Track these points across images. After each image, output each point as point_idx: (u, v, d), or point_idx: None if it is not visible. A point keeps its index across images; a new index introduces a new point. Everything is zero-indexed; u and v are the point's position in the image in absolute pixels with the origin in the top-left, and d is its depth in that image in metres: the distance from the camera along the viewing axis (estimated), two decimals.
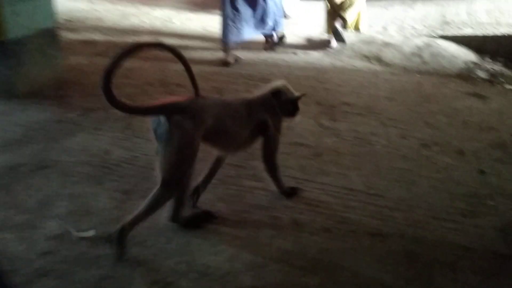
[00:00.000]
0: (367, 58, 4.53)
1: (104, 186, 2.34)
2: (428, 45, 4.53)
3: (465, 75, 4.20)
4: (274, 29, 4.51)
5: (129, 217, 1.76)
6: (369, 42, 4.72)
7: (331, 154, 2.74)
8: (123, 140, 2.81)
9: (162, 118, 1.73)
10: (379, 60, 4.46)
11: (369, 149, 2.82)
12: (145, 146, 2.67)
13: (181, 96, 1.92)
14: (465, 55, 4.44)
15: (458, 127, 3.16)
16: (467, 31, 4.81)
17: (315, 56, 4.63)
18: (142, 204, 1.78)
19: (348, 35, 4.87)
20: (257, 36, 4.54)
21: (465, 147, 2.85)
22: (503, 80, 4.08)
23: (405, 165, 2.64)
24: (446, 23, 5.19)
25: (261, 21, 4.31)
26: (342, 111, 3.34)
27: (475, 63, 4.32)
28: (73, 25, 5.47)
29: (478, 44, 4.60)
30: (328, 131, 3.01)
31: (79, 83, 3.72)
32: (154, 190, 1.78)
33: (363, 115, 3.28)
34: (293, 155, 2.66)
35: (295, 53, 4.68)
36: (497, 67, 4.32)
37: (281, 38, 4.73)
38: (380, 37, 4.87)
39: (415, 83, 3.96)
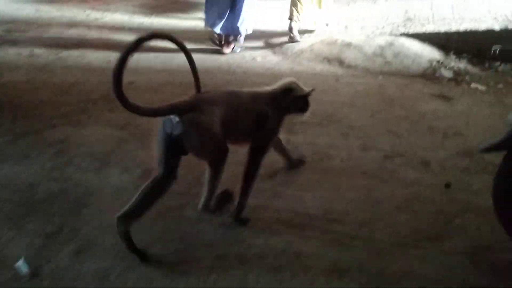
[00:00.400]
0: (327, 60, 4.33)
1: (24, 229, 2.04)
2: (390, 44, 4.35)
3: (429, 74, 4.04)
4: (239, 33, 4.44)
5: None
6: (330, 43, 4.51)
7: (286, 173, 2.50)
8: (52, 170, 2.51)
9: (175, 119, 1.71)
10: (340, 62, 4.26)
11: (328, 165, 2.60)
12: (76, 176, 2.39)
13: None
14: (429, 53, 4.28)
15: (423, 134, 2.97)
16: (431, 28, 4.66)
17: (273, 61, 4.40)
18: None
19: (309, 35, 4.68)
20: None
21: (430, 157, 2.68)
22: (468, 78, 3.94)
23: (367, 182, 2.43)
24: (409, 19, 5.03)
25: (232, 20, 4.33)
26: (300, 121, 3.10)
27: (439, 62, 4.17)
28: (11, 35, 5.07)
29: (442, 41, 4.46)
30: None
31: (11, 103, 3.37)
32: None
33: (322, 125, 3.07)
34: None
35: (254, 58, 4.43)
36: (462, 64, 4.18)
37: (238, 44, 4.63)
38: (341, 37, 4.66)
39: (377, 86, 3.78)
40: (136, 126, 2.95)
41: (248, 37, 4.63)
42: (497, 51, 4.10)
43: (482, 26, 4.41)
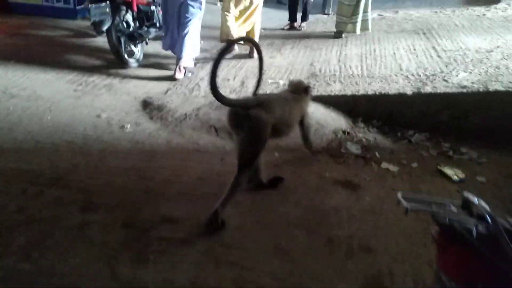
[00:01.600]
0: (215, 129, 3.54)
1: None
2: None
3: (334, 149, 3.41)
4: (180, 56, 4.53)
5: (218, 202, 2.29)
6: (220, 106, 3.73)
7: None
8: None
9: (242, 112, 2.29)
10: (229, 132, 3.49)
11: None
12: None
13: None
14: (335, 120, 3.67)
15: (320, 252, 2.26)
16: (337, 87, 4.08)
17: (148, 130, 3.55)
18: (226, 189, 2.30)
19: (198, 94, 3.92)
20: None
21: None
22: (378, 154, 3.34)
23: None
24: (314, 75, 4.44)
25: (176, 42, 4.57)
26: (159, 239, 2.27)
27: (346, 132, 3.56)
28: None
29: (349, 105, 3.90)
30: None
31: None
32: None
33: (185, 243, 2.24)
34: None
35: (122, 127, 3.54)
36: (371, 135, 3.60)
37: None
38: (234, 96, 3.92)
39: (272, 168, 3.04)
40: None
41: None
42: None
43: (393, 88, 3.89)
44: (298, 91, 2.88)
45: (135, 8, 4.77)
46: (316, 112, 3.74)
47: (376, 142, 3.55)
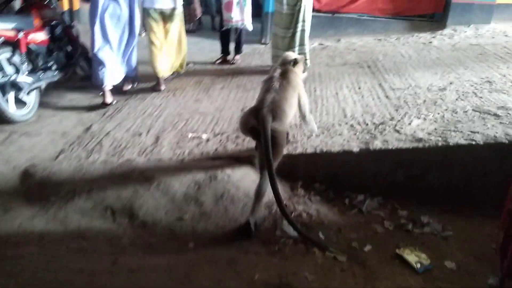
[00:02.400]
0: (112, 211, 2.72)
1: None
2: (212, 178, 2.92)
3: (268, 231, 2.71)
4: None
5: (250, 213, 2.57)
6: (123, 175, 2.94)
7: None
8: None
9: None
10: (131, 216, 2.69)
11: None
12: None
13: None
14: (269, 192, 2.91)
15: None
16: None
17: (19, 218, 2.68)
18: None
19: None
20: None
21: None
22: (322, 235, 2.65)
23: None
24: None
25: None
26: None
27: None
28: None
29: (286, 167, 3.17)
30: None
31: None
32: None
33: None
34: None
35: None
36: (314, 206, 2.93)
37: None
38: (141, 160, 3.13)
39: (182, 275, 2.25)
40: None
41: None
42: None
43: (337, 143, 3.24)
44: (287, 65, 3.05)
45: (23, 49, 3.89)
46: (245, 180, 3.00)
47: (319, 216, 2.87)
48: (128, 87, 4.87)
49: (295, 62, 3.10)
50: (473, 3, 6.81)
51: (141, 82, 4.92)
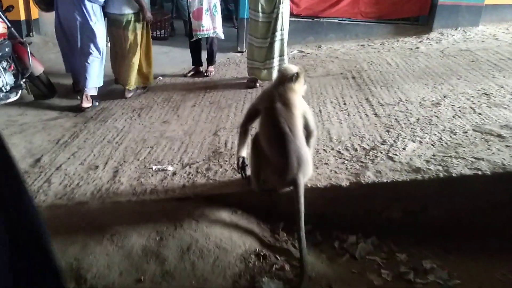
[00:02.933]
0: None
1: None
2: (177, 225, 2.45)
3: None
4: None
5: None
6: (71, 225, 2.48)
7: None
8: None
9: None
10: (77, 277, 2.23)
11: None
12: None
13: None
14: (243, 236, 2.53)
15: None
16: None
17: None
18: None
19: None
20: None
21: None
22: None
23: None
24: (217, 153, 3.30)
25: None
26: None
27: (260, 256, 2.39)
28: None
29: (264, 205, 2.74)
30: None
31: None
32: None
33: None
34: None
35: None
36: (299, 254, 2.47)
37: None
38: (94, 203, 2.65)
39: None
40: None
41: None
42: None
43: (323, 175, 2.82)
44: (286, 81, 2.65)
45: None
46: (216, 226, 2.55)
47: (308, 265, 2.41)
48: (87, 105, 4.47)
49: (296, 77, 2.64)
50: (460, 4, 6.49)
51: (107, 99, 4.45)
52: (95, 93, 4.59)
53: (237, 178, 2.94)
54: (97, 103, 4.61)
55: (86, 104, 4.43)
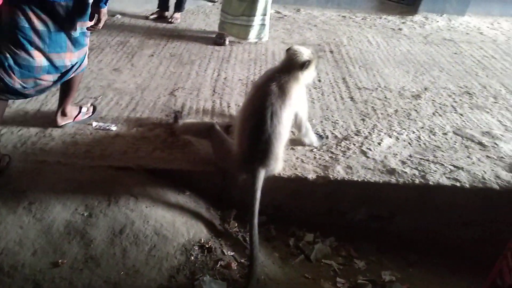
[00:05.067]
0: None
1: None
2: (112, 201, 2.09)
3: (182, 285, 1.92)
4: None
5: None
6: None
7: None
8: None
9: None
10: None
11: None
12: None
13: None
14: (188, 223, 2.21)
15: None
16: (203, 150, 2.59)
17: None
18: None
19: None
20: None
21: None
22: None
23: None
24: (172, 115, 2.88)
25: None
26: None
27: (204, 248, 2.10)
28: None
29: (216, 188, 2.43)
30: None
31: None
32: None
33: None
34: None
35: None
36: (249, 250, 2.19)
37: None
38: (16, 157, 2.23)
39: None
40: None
41: None
42: None
43: (288, 163, 2.51)
44: (294, 68, 2.35)
45: None
46: (158, 208, 2.20)
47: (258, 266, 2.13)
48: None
49: (306, 65, 2.36)
50: None
51: None
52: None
53: (190, 151, 2.58)
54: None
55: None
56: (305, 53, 2.39)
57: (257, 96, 2.27)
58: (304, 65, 2.33)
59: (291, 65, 2.35)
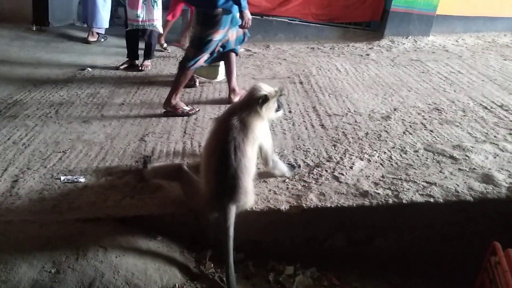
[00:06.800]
0: None
1: None
2: (80, 254, 2.02)
3: None
4: None
5: None
6: None
7: None
8: None
9: None
10: None
11: None
12: None
13: None
14: (161, 268, 2.13)
15: None
16: (173, 194, 2.54)
17: None
18: None
19: None
20: None
21: None
22: None
23: None
24: (141, 163, 2.85)
25: None
26: None
27: None
28: None
29: (190, 229, 2.38)
30: None
31: None
32: None
33: None
34: None
35: None
36: None
37: None
38: None
39: None
40: None
41: None
42: None
43: (260, 196, 2.48)
44: (252, 103, 2.38)
45: None
46: (129, 256, 2.14)
47: None
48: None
49: (264, 100, 2.36)
50: (412, 12, 6.40)
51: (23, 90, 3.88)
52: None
53: (160, 195, 2.54)
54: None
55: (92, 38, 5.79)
56: (265, 89, 2.40)
57: (220, 131, 2.27)
58: (262, 100, 2.33)
59: (251, 100, 2.36)
